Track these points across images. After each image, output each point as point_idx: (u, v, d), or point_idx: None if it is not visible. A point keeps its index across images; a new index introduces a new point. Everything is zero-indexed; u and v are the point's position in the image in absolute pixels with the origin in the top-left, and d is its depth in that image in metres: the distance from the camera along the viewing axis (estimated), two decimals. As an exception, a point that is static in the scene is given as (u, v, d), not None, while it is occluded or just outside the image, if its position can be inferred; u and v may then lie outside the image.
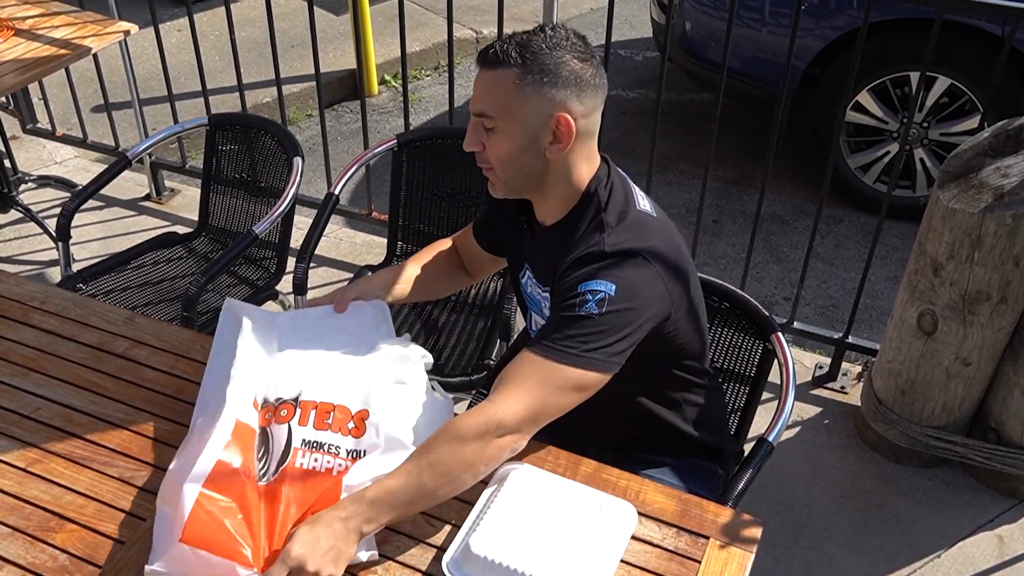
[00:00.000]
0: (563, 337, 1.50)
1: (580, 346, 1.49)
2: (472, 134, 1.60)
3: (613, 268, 1.52)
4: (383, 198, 2.93)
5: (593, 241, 1.56)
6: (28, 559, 1.46)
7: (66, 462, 1.63)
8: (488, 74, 1.56)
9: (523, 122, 1.55)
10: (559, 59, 1.53)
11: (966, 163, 2.36)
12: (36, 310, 1.98)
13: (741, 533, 1.51)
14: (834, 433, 2.84)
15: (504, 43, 1.55)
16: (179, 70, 4.42)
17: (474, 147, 1.61)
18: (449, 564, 1.43)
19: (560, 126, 1.55)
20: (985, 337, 2.43)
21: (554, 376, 1.49)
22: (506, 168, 1.60)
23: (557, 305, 1.55)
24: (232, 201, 2.89)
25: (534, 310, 1.80)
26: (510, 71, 1.53)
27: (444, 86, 5.19)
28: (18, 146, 4.19)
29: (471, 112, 1.60)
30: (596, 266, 1.53)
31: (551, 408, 1.50)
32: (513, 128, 1.56)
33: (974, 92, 3.56)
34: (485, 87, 1.56)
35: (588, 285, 1.51)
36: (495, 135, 1.57)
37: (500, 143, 1.58)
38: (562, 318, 1.52)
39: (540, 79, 1.53)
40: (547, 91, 1.53)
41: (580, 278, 1.53)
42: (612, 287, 1.50)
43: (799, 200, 4.09)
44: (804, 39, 3.61)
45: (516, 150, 1.57)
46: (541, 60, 1.53)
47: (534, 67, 1.53)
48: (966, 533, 2.54)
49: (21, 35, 3.15)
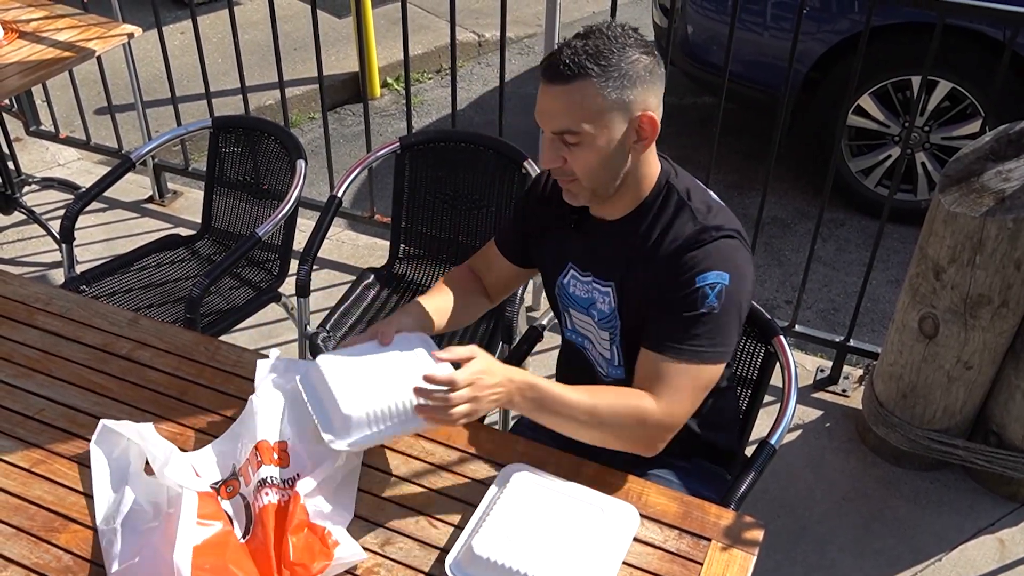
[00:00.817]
0: (692, 337, 1.56)
1: (709, 342, 1.57)
2: (551, 152, 1.56)
3: (722, 255, 1.56)
4: (385, 201, 2.94)
5: (692, 230, 1.58)
6: (32, 559, 1.47)
7: (70, 463, 1.63)
8: (563, 89, 1.50)
9: (610, 129, 1.53)
10: (632, 58, 1.51)
11: (967, 167, 2.36)
12: (40, 311, 1.99)
13: (743, 535, 1.52)
14: (835, 436, 2.85)
15: (572, 53, 1.50)
16: (182, 73, 4.42)
17: (554, 164, 1.57)
18: (452, 566, 1.43)
19: (644, 124, 1.55)
20: (986, 341, 2.44)
21: (701, 378, 1.59)
22: (594, 177, 1.58)
23: (672, 301, 1.57)
24: (235, 203, 2.89)
25: (578, 309, 1.78)
26: (589, 82, 1.49)
27: (446, 89, 5.20)
28: (22, 148, 4.20)
29: (548, 131, 1.55)
30: (705, 255, 1.55)
31: (697, 405, 1.61)
32: (600, 138, 1.53)
33: (976, 96, 3.56)
34: (563, 103, 1.51)
35: (705, 279, 1.55)
36: (580, 148, 1.54)
37: (586, 155, 1.54)
38: (686, 318, 1.56)
39: (621, 83, 1.50)
40: (628, 94, 1.51)
41: (694, 272, 1.55)
42: (726, 276, 1.55)
43: (801, 204, 4.09)
44: (806, 43, 3.62)
45: (605, 158, 1.55)
46: (617, 64, 1.50)
47: (613, 72, 1.50)
48: (967, 536, 2.55)
49: (25, 37, 3.16)
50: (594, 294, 1.72)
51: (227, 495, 1.55)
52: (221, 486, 1.57)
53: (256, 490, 1.53)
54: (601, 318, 1.73)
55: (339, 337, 2.48)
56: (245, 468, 1.58)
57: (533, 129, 1.90)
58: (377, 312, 2.59)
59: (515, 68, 5.44)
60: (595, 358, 1.83)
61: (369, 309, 2.60)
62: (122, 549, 1.43)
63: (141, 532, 1.45)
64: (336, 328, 2.50)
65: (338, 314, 2.54)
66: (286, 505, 1.49)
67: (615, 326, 1.71)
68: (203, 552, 1.38)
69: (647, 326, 1.63)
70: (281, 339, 3.18)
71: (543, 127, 1.57)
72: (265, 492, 1.52)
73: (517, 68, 5.44)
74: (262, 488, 1.53)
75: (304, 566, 1.41)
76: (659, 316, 1.61)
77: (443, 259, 2.73)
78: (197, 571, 1.35)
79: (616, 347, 1.74)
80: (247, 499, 1.54)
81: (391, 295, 2.66)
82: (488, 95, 5.16)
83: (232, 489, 1.56)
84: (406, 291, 2.68)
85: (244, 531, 1.50)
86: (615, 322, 1.70)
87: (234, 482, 1.58)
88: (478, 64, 5.55)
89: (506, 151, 2.56)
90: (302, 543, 1.44)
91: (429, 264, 2.74)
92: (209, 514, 1.44)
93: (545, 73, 1.52)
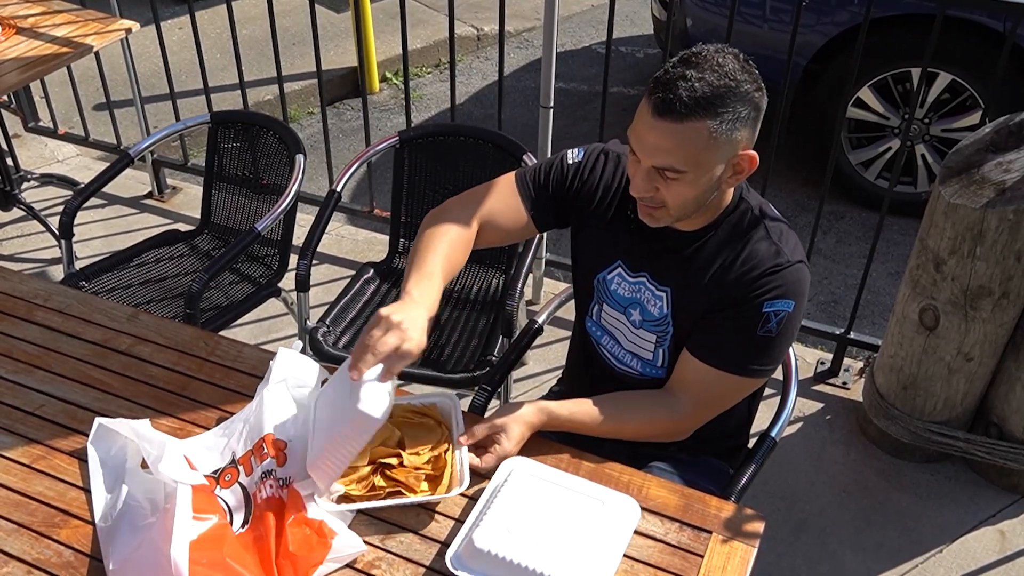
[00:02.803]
0: (744, 355, 1.62)
1: (758, 362, 1.63)
2: (646, 182, 1.52)
3: (794, 284, 1.59)
4: (385, 195, 2.93)
5: (768, 253, 1.59)
6: (33, 555, 1.47)
7: (70, 458, 1.63)
8: (675, 127, 1.44)
9: (712, 169, 1.50)
10: (747, 98, 1.46)
11: (968, 159, 2.36)
12: (39, 307, 1.98)
13: (743, 528, 1.52)
14: (836, 429, 2.85)
15: (690, 91, 1.43)
16: (180, 68, 4.42)
17: (647, 193, 1.54)
18: (453, 559, 1.43)
19: (743, 162, 1.52)
20: (987, 332, 2.44)
21: (741, 390, 1.69)
22: (684, 208, 1.55)
23: (735, 318, 1.60)
24: (234, 198, 2.89)
25: (613, 305, 1.76)
26: (703, 124, 1.44)
27: (445, 83, 5.19)
28: (20, 144, 4.20)
29: (646, 164, 1.51)
30: (780, 282, 1.58)
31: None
32: (701, 176, 1.50)
33: (976, 88, 3.56)
34: (673, 142, 1.46)
35: (773, 306, 1.58)
36: (677, 183, 1.50)
37: (683, 189, 1.51)
38: (744, 337, 1.60)
39: (733, 126, 1.46)
40: (737, 135, 1.48)
41: (764, 297, 1.58)
42: (791, 304, 1.59)
43: (800, 196, 4.09)
44: (805, 35, 3.61)
45: (700, 193, 1.53)
46: (733, 107, 1.45)
47: (728, 116, 1.45)
48: (968, 528, 2.55)
49: (23, 33, 3.16)
50: (643, 295, 1.71)
51: (225, 484, 1.56)
52: (220, 474, 1.57)
53: (260, 481, 1.54)
54: (648, 320, 1.72)
55: (338, 332, 2.48)
56: (247, 458, 1.58)
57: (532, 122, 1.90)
58: (377, 307, 2.58)
59: (514, 62, 5.43)
60: (615, 354, 1.81)
61: (369, 304, 2.60)
62: (120, 546, 1.43)
63: (139, 528, 1.45)
64: (336, 323, 2.50)
65: (338, 309, 2.54)
66: (285, 500, 1.50)
67: (667, 331, 1.70)
68: (200, 546, 1.38)
69: (699, 332, 1.65)
70: (281, 334, 3.18)
71: (642, 158, 1.51)
72: (268, 484, 1.53)
73: (516, 62, 5.43)
74: (265, 480, 1.53)
75: (303, 557, 1.42)
76: (716, 328, 1.63)
77: (443, 253, 2.72)
78: (195, 566, 1.35)
79: (664, 350, 1.73)
80: (248, 489, 1.54)
81: (391, 289, 2.66)
82: (487, 89, 5.16)
83: (231, 478, 1.56)
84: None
85: (244, 520, 1.51)
86: (667, 328, 1.70)
87: (232, 470, 1.58)
88: (477, 58, 5.55)
89: (505, 145, 2.56)
90: (300, 535, 1.44)
91: (429, 258, 2.73)
92: (204, 508, 1.44)
93: (658, 107, 1.45)
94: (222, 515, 1.47)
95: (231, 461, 1.59)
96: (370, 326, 1.47)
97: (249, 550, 1.44)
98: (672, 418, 1.68)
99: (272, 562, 1.42)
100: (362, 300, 2.60)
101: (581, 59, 5.43)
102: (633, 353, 1.78)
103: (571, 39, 5.66)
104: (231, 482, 1.56)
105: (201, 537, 1.39)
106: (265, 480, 1.54)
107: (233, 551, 1.41)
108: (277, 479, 1.54)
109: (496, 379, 2.08)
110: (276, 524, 1.47)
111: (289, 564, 1.41)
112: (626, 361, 1.80)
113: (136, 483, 1.52)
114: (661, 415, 1.68)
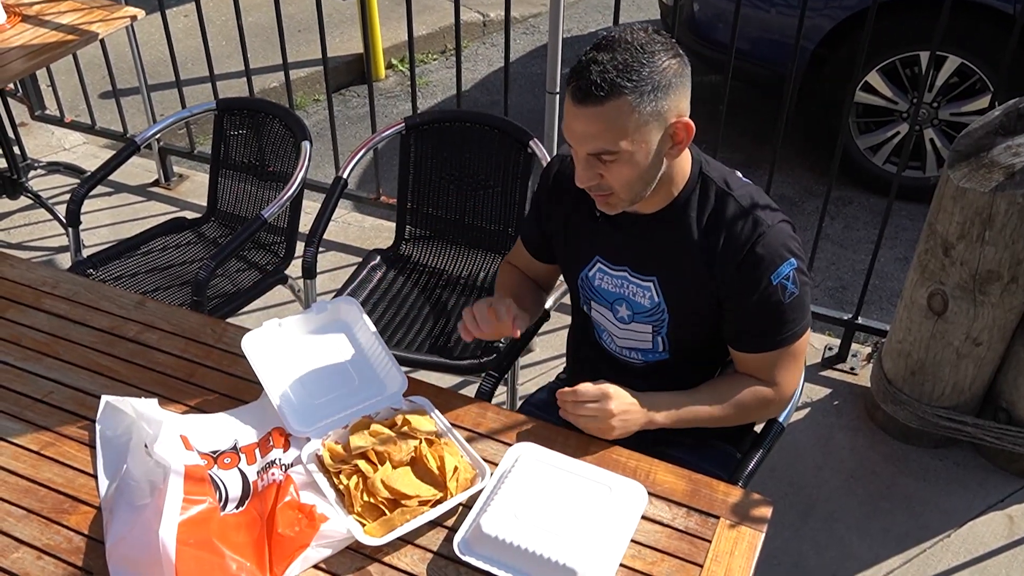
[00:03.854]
0: (784, 324, 1.63)
1: (800, 320, 1.65)
2: (586, 171, 1.53)
3: (782, 244, 1.60)
4: (391, 182, 2.93)
5: (746, 226, 1.59)
6: (43, 540, 1.48)
7: (79, 445, 1.64)
8: (596, 110, 1.46)
9: (647, 142, 1.50)
10: (662, 67, 1.47)
11: (977, 142, 2.35)
12: (47, 295, 1.99)
13: (751, 513, 1.52)
14: (844, 414, 2.84)
15: (601, 71, 1.45)
16: (186, 55, 4.41)
17: (591, 182, 1.55)
18: (460, 544, 1.44)
19: (679, 130, 1.53)
20: (996, 317, 2.43)
21: (800, 349, 1.69)
22: (631, 188, 1.56)
23: (755, 304, 1.61)
24: (240, 186, 2.89)
25: (600, 302, 1.77)
26: (622, 100, 1.45)
27: (451, 70, 5.18)
28: (27, 133, 4.20)
29: (581, 153, 1.52)
30: (768, 251, 1.59)
31: (803, 368, 1.76)
32: (639, 152, 1.50)
33: (985, 72, 3.53)
34: (598, 125, 1.47)
35: (779, 274, 1.60)
36: (617, 164, 1.51)
37: (624, 170, 1.52)
38: (775, 314, 1.62)
39: (655, 95, 1.46)
40: (662, 104, 1.48)
41: (766, 272, 1.59)
42: (794, 262, 1.61)
43: (808, 182, 4.07)
44: (813, 19, 3.59)
45: (643, 170, 1.53)
46: (648, 76, 1.45)
47: (645, 86, 1.45)
48: (976, 513, 2.54)
49: (28, 21, 3.16)
50: (627, 290, 1.72)
51: (224, 466, 1.57)
52: (219, 456, 1.59)
53: (262, 470, 1.56)
54: (639, 312, 1.72)
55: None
56: (251, 448, 1.61)
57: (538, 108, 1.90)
58: (383, 294, 2.59)
59: (520, 48, 5.41)
60: (611, 347, 1.83)
61: (375, 291, 2.60)
62: (118, 524, 1.45)
63: (136, 508, 1.47)
64: (343, 310, 2.50)
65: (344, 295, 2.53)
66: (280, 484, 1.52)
67: (662, 319, 1.71)
68: (188, 527, 1.40)
69: (732, 328, 1.67)
70: (288, 321, 3.18)
71: (576, 148, 1.53)
72: (270, 473, 1.54)
73: (522, 48, 5.41)
74: (269, 469, 1.55)
75: (289, 538, 1.43)
76: (746, 320, 1.65)
77: (449, 240, 2.72)
78: (182, 546, 1.37)
79: (662, 337, 1.74)
80: (248, 476, 1.56)
81: (397, 276, 2.66)
82: (493, 75, 5.14)
83: (230, 461, 1.58)
84: (412, 272, 2.68)
85: (239, 503, 1.52)
86: (662, 315, 1.70)
87: (233, 455, 1.59)
88: (483, 44, 5.53)
89: (512, 131, 2.55)
90: (291, 518, 1.46)
91: (435, 245, 2.73)
92: (196, 492, 1.46)
93: (576, 95, 1.47)
94: (213, 498, 1.48)
95: (232, 446, 1.61)
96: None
97: (240, 530, 1.46)
98: (767, 401, 1.70)
99: (264, 543, 1.44)
100: (369, 287, 2.61)
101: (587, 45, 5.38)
102: (629, 347, 1.80)
103: (577, 24, 5.64)
104: (230, 465, 1.57)
105: (191, 519, 1.41)
106: (269, 469, 1.56)
107: (221, 531, 1.43)
108: (281, 465, 1.56)
109: (503, 365, 2.08)
110: (270, 507, 1.48)
111: (276, 544, 1.43)
112: (626, 353, 1.82)
113: (137, 463, 1.54)
114: (765, 396, 1.70)
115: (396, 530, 1.46)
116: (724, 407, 1.68)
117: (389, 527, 1.47)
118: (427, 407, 1.67)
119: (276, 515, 1.46)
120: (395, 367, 1.72)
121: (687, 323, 1.71)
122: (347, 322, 1.82)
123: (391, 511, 1.48)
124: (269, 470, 1.56)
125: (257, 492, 1.54)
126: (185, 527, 1.39)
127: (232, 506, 1.52)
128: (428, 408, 1.67)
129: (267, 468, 1.56)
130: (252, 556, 1.42)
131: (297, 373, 1.72)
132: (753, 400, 1.69)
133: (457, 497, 1.51)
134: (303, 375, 1.72)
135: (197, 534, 1.40)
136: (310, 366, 1.74)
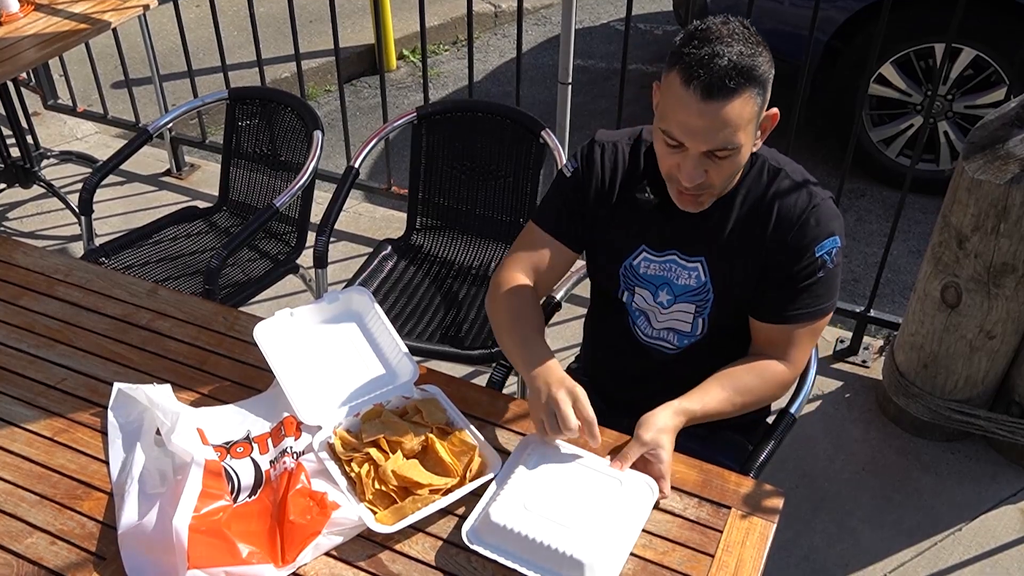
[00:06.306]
0: (812, 299, 1.64)
1: (827, 297, 1.66)
2: (698, 168, 1.51)
3: (831, 219, 1.61)
4: (402, 173, 2.93)
5: (803, 200, 1.61)
6: (56, 526, 1.48)
7: (92, 431, 1.65)
8: (726, 105, 1.43)
9: (752, 136, 1.52)
10: (768, 57, 1.48)
11: (992, 134, 2.33)
12: (60, 283, 2.00)
13: (763, 503, 1.51)
14: (855, 407, 2.83)
15: (731, 66, 1.42)
16: (198, 45, 4.42)
17: (700, 180, 1.53)
18: (469, 533, 1.44)
19: (770, 122, 1.55)
20: (1010, 310, 2.41)
21: (819, 327, 1.70)
22: (727, 183, 1.58)
23: (793, 273, 1.62)
24: (252, 175, 2.89)
25: (645, 287, 1.75)
26: (750, 93, 1.45)
27: (463, 61, 5.17)
28: (40, 122, 4.21)
29: (696, 151, 1.49)
30: (819, 223, 1.60)
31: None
32: (746, 146, 1.51)
33: (1000, 64, 3.51)
34: (726, 120, 1.44)
35: (823, 248, 1.61)
36: (727, 160, 1.50)
37: (732, 165, 1.52)
38: (807, 285, 1.63)
39: (764, 87, 1.48)
40: (767, 95, 1.50)
41: (813, 243, 1.60)
42: (837, 239, 1.62)
43: (820, 174, 4.00)
44: (827, 11, 3.56)
45: (742, 164, 1.55)
46: (763, 71, 1.46)
47: (765, 78, 1.46)
48: (988, 507, 2.53)
49: (41, 10, 3.16)
50: (672, 273, 1.71)
51: (237, 455, 1.58)
52: (232, 446, 1.59)
53: (275, 460, 1.56)
54: (686, 291, 1.72)
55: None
56: (264, 438, 1.61)
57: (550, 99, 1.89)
58: (395, 283, 2.59)
59: (532, 39, 5.40)
60: (647, 332, 1.81)
61: (387, 280, 2.60)
62: (130, 511, 1.45)
63: (148, 496, 1.48)
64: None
65: (356, 285, 2.54)
66: (292, 472, 1.52)
67: (707, 299, 1.71)
68: (202, 517, 1.41)
69: (762, 298, 1.67)
70: (299, 311, 3.19)
71: (693, 147, 1.49)
72: (283, 461, 1.55)
73: (534, 39, 5.40)
74: (281, 458, 1.56)
75: (300, 525, 1.44)
76: (778, 288, 1.65)
77: (460, 230, 2.72)
78: (194, 534, 1.38)
79: (704, 319, 1.74)
80: (260, 466, 1.56)
81: (408, 266, 2.66)
82: (505, 66, 5.13)
83: (243, 451, 1.59)
84: (423, 262, 2.68)
85: (251, 492, 1.53)
86: (707, 295, 1.70)
87: (246, 444, 1.60)
88: (495, 35, 5.52)
89: (524, 121, 2.54)
90: (302, 505, 1.46)
91: (446, 235, 2.73)
92: (213, 486, 1.47)
93: (706, 90, 1.42)
94: (228, 494, 1.49)
95: (245, 437, 1.61)
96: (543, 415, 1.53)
97: (252, 519, 1.47)
98: (782, 382, 1.70)
99: (276, 531, 1.44)
100: (380, 277, 2.61)
101: (599, 36, 5.40)
102: (668, 329, 1.78)
103: (589, 16, 5.62)
104: (243, 455, 1.58)
105: (205, 512, 1.42)
106: (282, 458, 1.56)
107: (233, 521, 1.44)
108: (292, 453, 1.56)
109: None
110: (282, 495, 1.49)
111: (287, 532, 1.43)
112: (661, 336, 1.80)
113: (149, 451, 1.54)
114: (780, 374, 1.69)
115: (407, 518, 1.46)
116: (744, 393, 1.66)
117: (400, 515, 1.47)
118: (439, 396, 1.67)
119: (288, 502, 1.46)
120: (407, 356, 1.72)
121: (729, 302, 1.70)
122: (359, 312, 1.83)
123: (402, 499, 1.49)
124: (281, 459, 1.56)
125: (269, 481, 1.54)
126: (199, 517, 1.40)
127: (245, 495, 1.52)
128: (439, 397, 1.67)
129: (279, 457, 1.57)
130: (264, 543, 1.43)
131: (309, 362, 1.72)
132: (772, 379, 1.68)
133: (468, 486, 1.51)
134: (315, 364, 1.72)
135: (210, 523, 1.41)
136: (322, 355, 1.74)
